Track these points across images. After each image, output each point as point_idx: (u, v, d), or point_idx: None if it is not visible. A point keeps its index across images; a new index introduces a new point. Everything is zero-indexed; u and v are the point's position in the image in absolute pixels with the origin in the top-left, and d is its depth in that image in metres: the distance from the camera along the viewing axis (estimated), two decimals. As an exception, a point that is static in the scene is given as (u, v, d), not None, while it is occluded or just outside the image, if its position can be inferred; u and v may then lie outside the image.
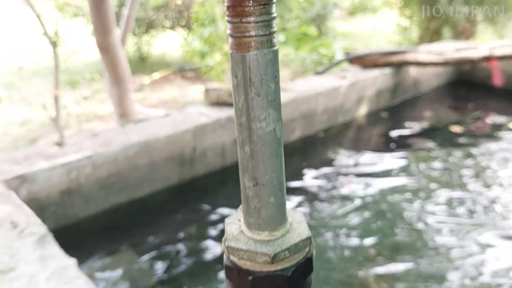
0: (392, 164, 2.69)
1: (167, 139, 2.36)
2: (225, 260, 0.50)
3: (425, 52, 3.56)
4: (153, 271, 1.90)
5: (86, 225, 2.15)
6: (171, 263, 1.93)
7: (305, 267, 0.50)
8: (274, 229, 0.50)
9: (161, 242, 2.08)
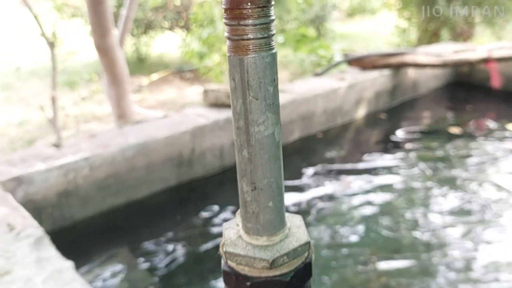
0: (390, 165, 2.69)
1: (165, 140, 2.35)
2: (223, 265, 0.50)
3: (423, 53, 3.56)
4: (151, 273, 1.89)
5: (83, 227, 2.14)
6: (169, 265, 1.92)
7: (304, 272, 0.50)
8: (272, 234, 0.49)
9: (159, 244, 2.07)
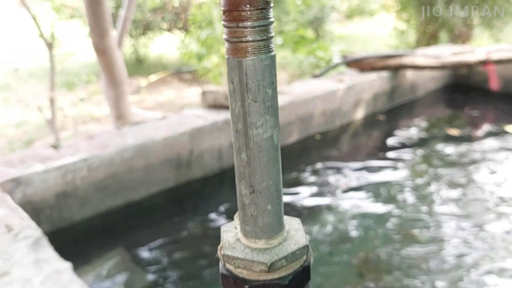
0: (388, 166, 2.69)
1: (163, 141, 2.35)
2: (221, 268, 0.49)
3: (422, 55, 3.56)
4: (149, 275, 1.88)
5: (81, 228, 2.13)
6: (167, 266, 1.91)
7: (303, 275, 0.50)
8: (271, 237, 0.49)
9: (157, 245, 2.06)
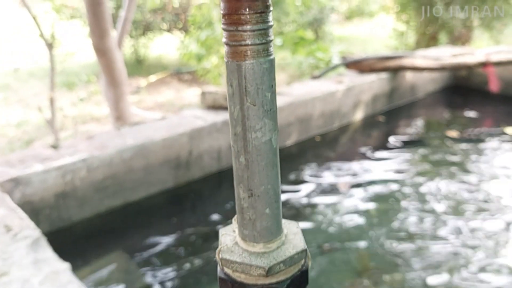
0: (388, 168, 2.69)
1: (163, 142, 2.35)
2: (219, 272, 0.49)
3: (421, 57, 3.57)
4: (148, 276, 1.88)
5: (80, 228, 2.13)
6: (166, 267, 1.91)
7: (300, 280, 0.49)
8: (269, 241, 0.49)
9: (156, 246, 2.06)
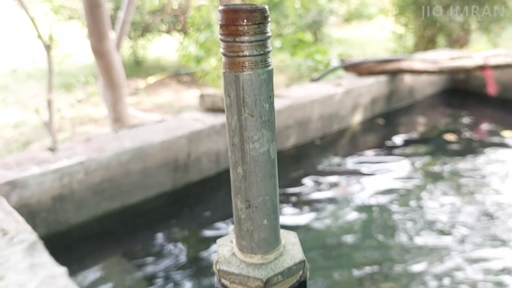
0: (386, 171, 2.69)
1: (161, 145, 2.35)
2: (216, 283, 0.49)
3: (420, 60, 3.57)
4: (145, 279, 1.88)
5: (78, 231, 2.12)
6: (164, 270, 1.91)
7: (299, 291, 0.49)
8: (267, 252, 0.49)
9: (154, 249, 2.06)
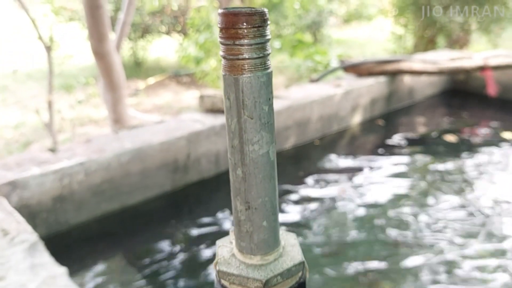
0: (386, 172, 2.69)
1: (160, 146, 2.35)
2: (216, 284, 0.49)
3: (419, 61, 3.57)
4: (145, 279, 1.88)
5: (78, 232, 2.13)
6: (164, 271, 1.91)
7: (298, 292, 0.50)
8: (266, 253, 0.49)
9: (153, 249, 2.06)
